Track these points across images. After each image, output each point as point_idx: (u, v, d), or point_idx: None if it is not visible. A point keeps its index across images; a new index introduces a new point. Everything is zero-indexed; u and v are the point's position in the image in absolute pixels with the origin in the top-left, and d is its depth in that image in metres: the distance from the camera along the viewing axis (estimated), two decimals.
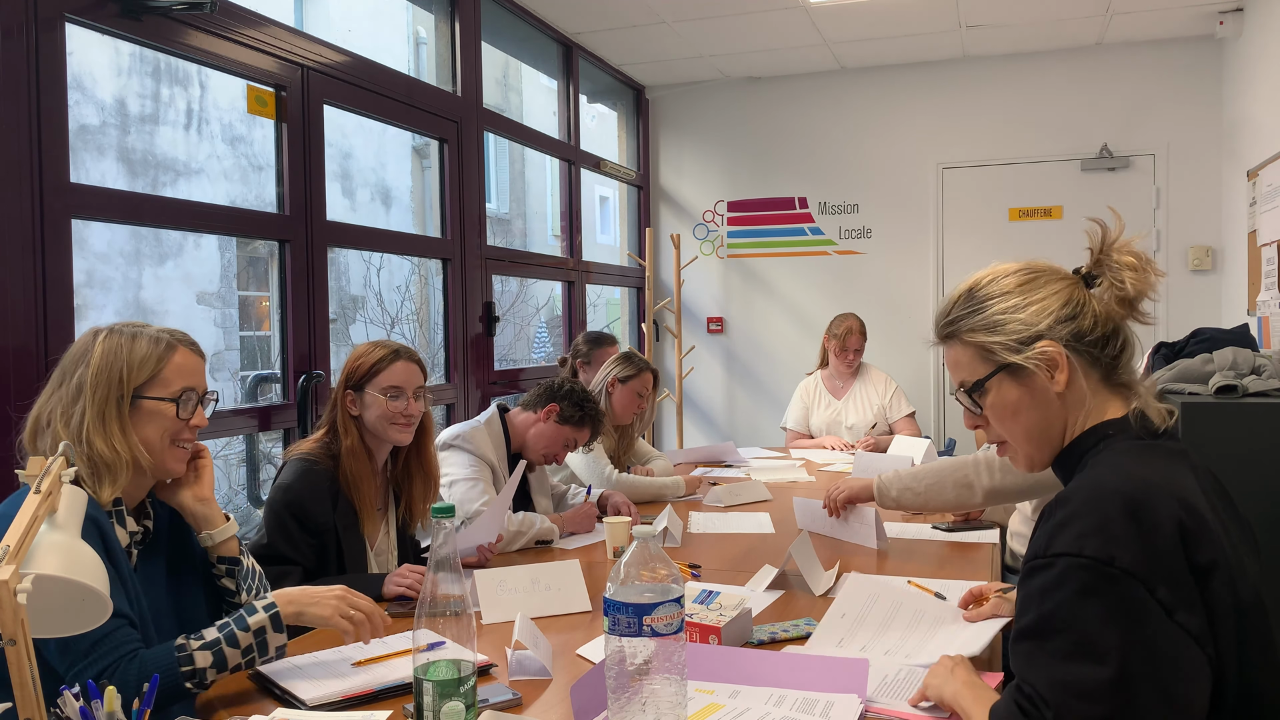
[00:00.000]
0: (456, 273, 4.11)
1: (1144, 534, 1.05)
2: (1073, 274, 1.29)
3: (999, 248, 5.34)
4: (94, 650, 1.37)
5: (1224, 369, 2.97)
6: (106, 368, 1.52)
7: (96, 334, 1.56)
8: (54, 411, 1.53)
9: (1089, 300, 1.24)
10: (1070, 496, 1.12)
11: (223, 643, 1.43)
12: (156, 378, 1.55)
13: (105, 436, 1.49)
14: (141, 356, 1.54)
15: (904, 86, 5.53)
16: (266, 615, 1.47)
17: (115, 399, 1.52)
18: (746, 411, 5.91)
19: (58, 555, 1.08)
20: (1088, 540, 1.06)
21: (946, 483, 2.24)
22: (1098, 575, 1.04)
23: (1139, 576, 1.03)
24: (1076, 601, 1.04)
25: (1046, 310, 1.23)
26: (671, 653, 1.19)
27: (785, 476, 3.60)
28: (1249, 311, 4.32)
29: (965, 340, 1.30)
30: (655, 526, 1.37)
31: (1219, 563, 1.06)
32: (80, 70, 6.13)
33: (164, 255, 7.02)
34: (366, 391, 2.18)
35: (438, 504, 1.29)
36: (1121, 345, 1.24)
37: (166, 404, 1.55)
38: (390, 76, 3.66)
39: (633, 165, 5.95)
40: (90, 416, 1.49)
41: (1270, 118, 4.15)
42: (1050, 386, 1.23)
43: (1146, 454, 1.18)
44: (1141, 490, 1.08)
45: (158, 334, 1.58)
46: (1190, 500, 1.10)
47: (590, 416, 2.80)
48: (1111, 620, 1.02)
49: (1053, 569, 1.07)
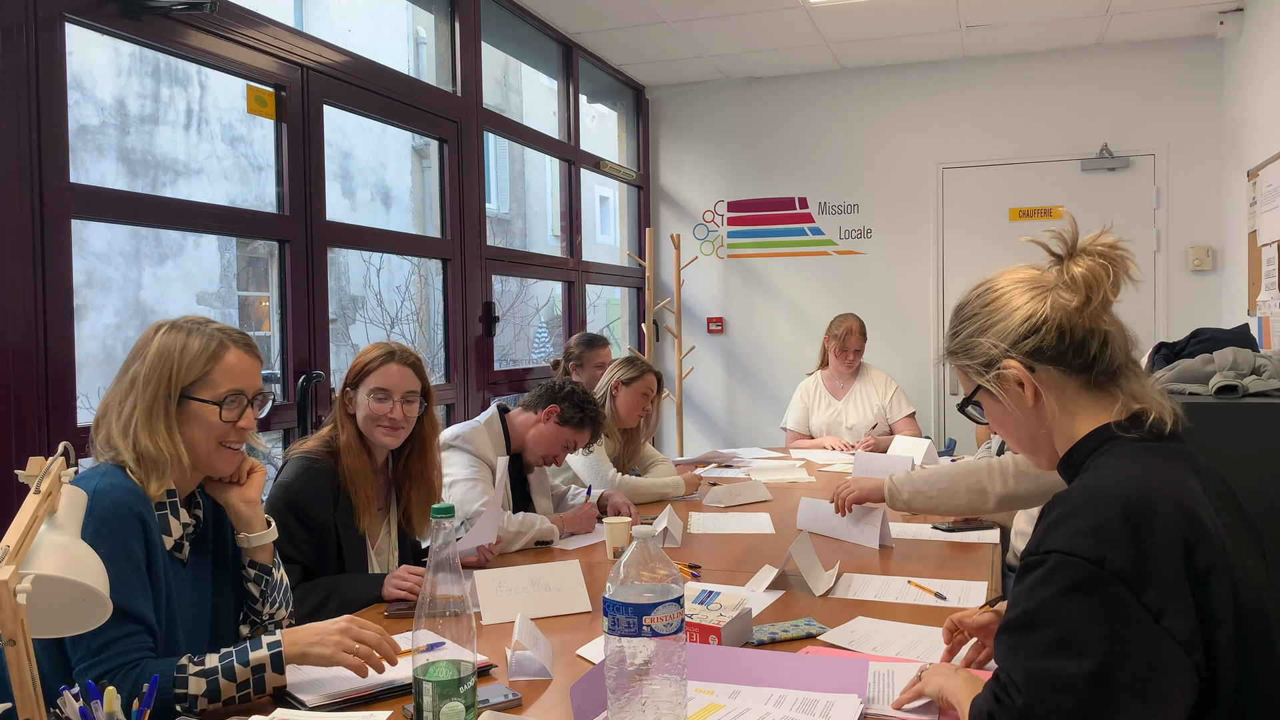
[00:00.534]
0: (456, 273, 4.11)
1: (1139, 538, 1.06)
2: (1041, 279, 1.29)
3: (999, 248, 5.34)
4: (104, 650, 1.38)
5: (1224, 369, 2.97)
6: (160, 364, 1.54)
7: (159, 328, 1.58)
8: (111, 402, 1.55)
9: (1050, 313, 1.24)
10: (1069, 496, 1.13)
11: (219, 673, 1.41)
12: (205, 379, 1.56)
13: (150, 433, 1.50)
14: (192, 356, 1.55)
15: (904, 86, 5.52)
16: (268, 653, 1.44)
17: (164, 396, 1.53)
18: (746, 412, 5.91)
19: (58, 555, 1.08)
20: (1080, 540, 1.07)
21: (959, 488, 2.23)
22: (1086, 574, 1.05)
23: (1127, 580, 1.04)
24: (1063, 598, 1.05)
25: (1005, 332, 1.26)
26: (671, 653, 1.19)
27: (785, 477, 3.60)
28: (1249, 311, 4.32)
29: (952, 362, 1.37)
30: (655, 527, 1.37)
31: (1218, 567, 1.06)
32: (80, 70, 6.13)
33: (164, 255, 7.02)
34: (359, 390, 2.19)
35: (437, 505, 1.29)
36: (1100, 346, 1.24)
37: (210, 407, 1.56)
38: (390, 76, 3.66)
39: (633, 165, 5.95)
40: (139, 412, 1.51)
41: (1270, 118, 4.15)
42: (1024, 400, 1.26)
43: (1150, 456, 1.18)
44: (1141, 494, 1.09)
45: (213, 332, 1.58)
46: (1191, 505, 1.10)
47: (591, 418, 2.79)
48: (1094, 619, 1.03)
49: (1044, 565, 1.08)
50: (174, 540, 1.55)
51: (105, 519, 1.41)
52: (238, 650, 1.44)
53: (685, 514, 2.94)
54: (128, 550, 1.43)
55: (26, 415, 2.25)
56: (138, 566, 1.44)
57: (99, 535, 1.39)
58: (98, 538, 1.38)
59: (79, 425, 2.40)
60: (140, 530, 1.45)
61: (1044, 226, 5.20)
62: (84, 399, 2.44)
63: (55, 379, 2.32)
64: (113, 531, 1.41)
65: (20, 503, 1.08)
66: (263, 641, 1.45)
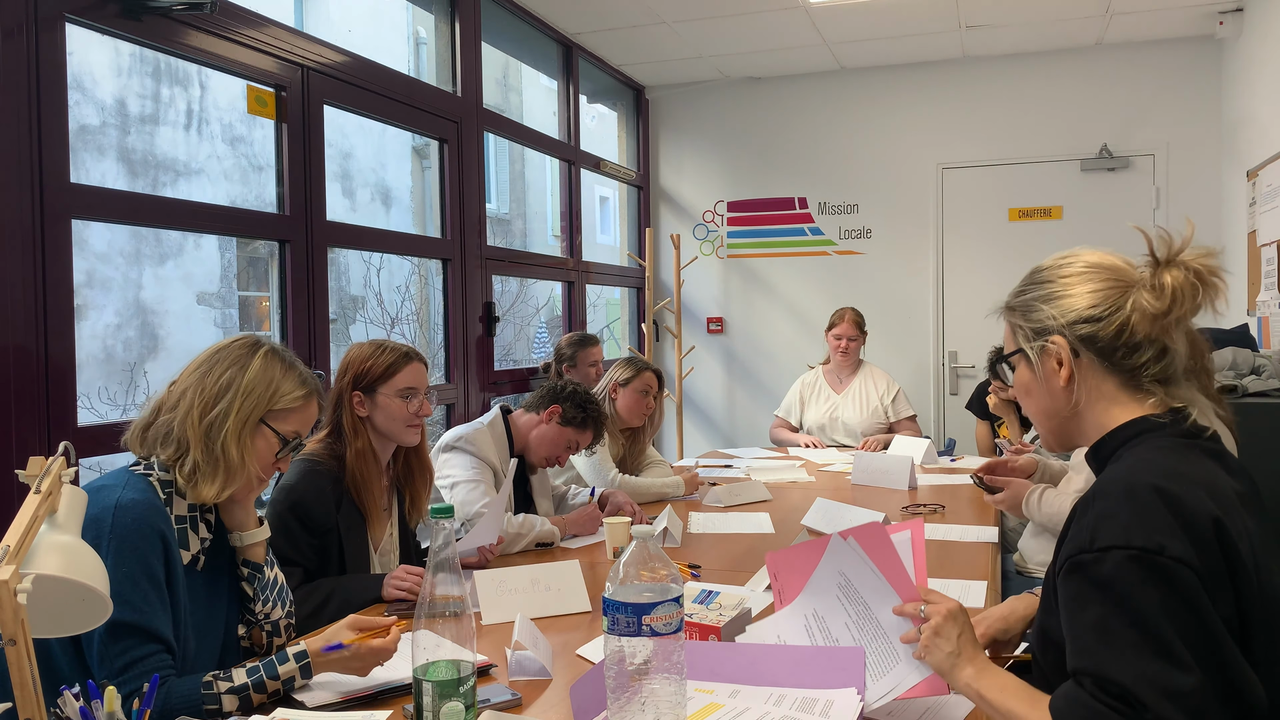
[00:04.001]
0: (456, 273, 4.11)
1: (1184, 524, 1.05)
2: (1127, 273, 1.25)
3: (999, 248, 5.35)
4: (127, 671, 1.39)
5: (1224, 369, 2.97)
6: (264, 382, 1.59)
7: (258, 345, 1.64)
8: (193, 396, 1.56)
9: (1125, 308, 1.22)
10: (1105, 490, 1.12)
11: (250, 689, 1.45)
12: (285, 413, 1.62)
13: (239, 443, 1.56)
14: (287, 389, 1.62)
15: (904, 86, 5.52)
16: (297, 665, 1.48)
17: (256, 413, 1.58)
18: (746, 411, 5.91)
19: (58, 555, 1.08)
20: (1134, 531, 1.06)
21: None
22: (1151, 566, 1.04)
23: (1190, 565, 1.03)
24: (1139, 593, 1.04)
25: (1070, 309, 1.24)
26: (671, 652, 1.19)
27: (785, 476, 3.60)
28: (1249, 311, 4.32)
29: (1006, 316, 1.35)
30: (655, 526, 1.37)
31: (1243, 562, 1.07)
32: (80, 70, 6.13)
33: (164, 255, 7.02)
34: (379, 393, 2.18)
35: (437, 505, 1.29)
36: (1155, 356, 1.22)
37: (276, 441, 1.62)
38: (390, 76, 3.66)
39: (633, 165, 5.95)
40: (233, 419, 1.56)
41: (1270, 118, 4.15)
42: (1056, 379, 1.26)
43: (1182, 450, 1.17)
44: (1175, 483, 1.09)
45: (305, 374, 1.67)
46: (1220, 496, 1.10)
47: (593, 418, 2.78)
48: (1174, 613, 1.02)
49: (1104, 563, 1.06)
50: (191, 555, 1.58)
51: (127, 538, 1.43)
52: (265, 664, 1.47)
53: (685, 514, 2.94)
54: (150, 570, 1.45)
55: (26, 415, 2.25)
56: (159, 585, 1.46)
57: (121, 554, 1.41)
58: (120, 556, 1.41)
59: (79, 425, 2.40)
60: (161, 548, 1.47)
61: (1044, 227, 5.25)
62: (84, 399, 2.45)
63: (55, 379, 2.32)
64: (134, 550, 1.43)
65: (20, 503, 1.08)
66: (289, 654, 1.48)
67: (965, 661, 1.22)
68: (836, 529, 2.50)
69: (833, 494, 3.12)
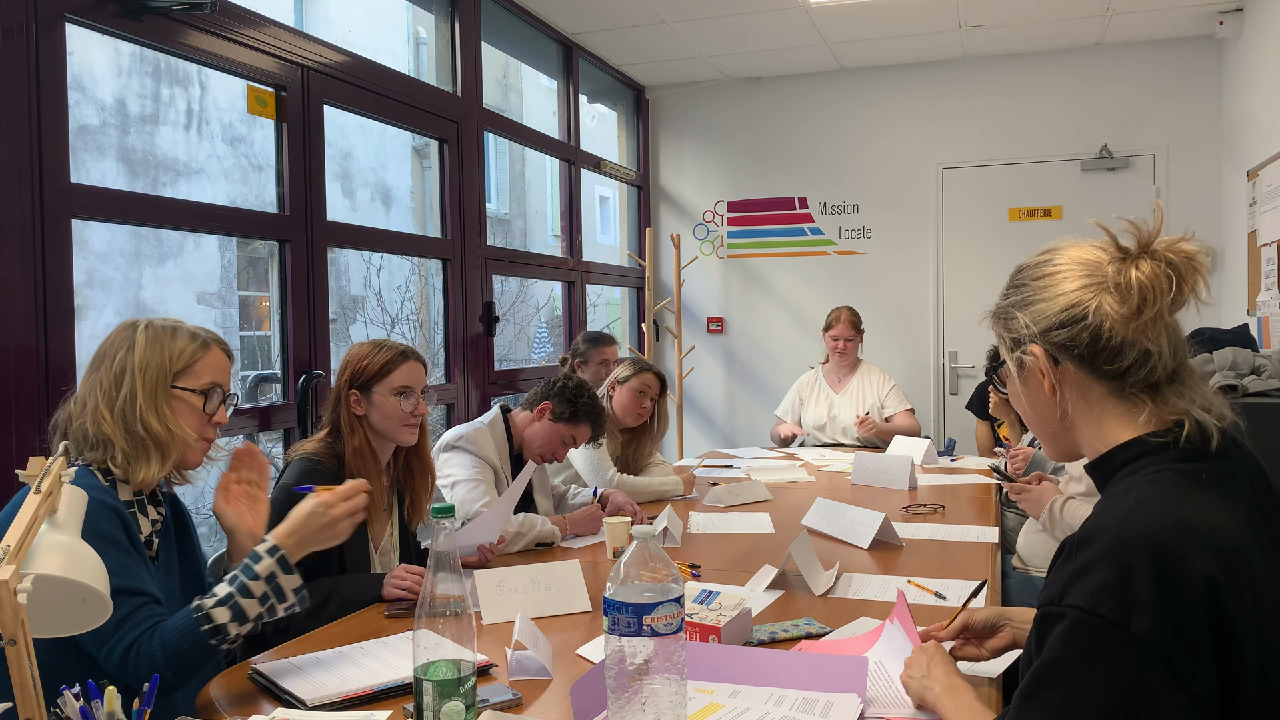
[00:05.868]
0: (456, 273, 4.11)
1: (1166, 592, 0.96)
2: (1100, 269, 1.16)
3: (999, 248, 5.34)
4: (120, 627, 1.43)
5: (1224, 369, 2.97)
6: (155, 351, 1.61)
7: (135, 325, 1.65)
8: (93, 394, 1.59)
9: (1093, 312, 1.13)
10: (1094, 537, 1.02)
11: (236, 595, 1.47)
12: (190, 369, 1.64)
13: (158, 415, 1.58)
14: (180, 347, 1.64)
15: (904, 86, 5.53)
16: (273, 559, 1.50)
17: (162, 381, 1.60)
18: (746, 411, 5.91)
19: (58, 555, 1.08)
20: (1104, 597, 0.97)
21: None
22: (1109, 639, 0.96)
23: (1154, 644, 0.94)
24: (1082, 664, 0.97)
25: (1041, 315, 1.16)
26: (671, 652, 1.19)
27: (785, 476, 3.60)
28: (1249, 311, 4.32)
29: (992, 325, 1.27)
30: (655, 526, 1.37)
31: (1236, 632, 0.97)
32: (80, 70, 6.13)
33: (164, 255, 7.02)
34: (375, 392, 2.18)
35: (438, 504, 1.29)
36: (1137, 360, 1.12)
37: (195, 395, 1.64)
38: (390, 76, 3.66)
39: (633, 165, 5.95)
40: (143, 397, 1.57)
41: (1270, 118, 4.15)
42: (1040, 389, 1.19)
43: (1189, 483, 1.06)
44: (1174, 536, 0.99)
45: (194, 330, 1.68)
46: (1227, 544, 1.00)
47: (584, 412, 2.75)
48: (1112, 693, 0.95)
49: (1063, 621, 0.99)
50: (144, 537, 1.60)
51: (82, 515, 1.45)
52: (241, 568, 1.50)
53: (685, 514, 2.94)
54: (113, 539, 1.48)
55: (26, 415, 2.25)
56: (126, 549, 1.49)
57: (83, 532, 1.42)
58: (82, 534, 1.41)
59: None
60: (119, 520, 1.51)
61: (1044, 227, 5.25)
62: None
63: (55, 379, 2.32)
64: (90, 524, 1.43)
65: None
66: (259, 551, 1.52)
67: (933, 682, 1.32)
68: (836, 529, 2.54)
69: (833, 494, 3.13)
